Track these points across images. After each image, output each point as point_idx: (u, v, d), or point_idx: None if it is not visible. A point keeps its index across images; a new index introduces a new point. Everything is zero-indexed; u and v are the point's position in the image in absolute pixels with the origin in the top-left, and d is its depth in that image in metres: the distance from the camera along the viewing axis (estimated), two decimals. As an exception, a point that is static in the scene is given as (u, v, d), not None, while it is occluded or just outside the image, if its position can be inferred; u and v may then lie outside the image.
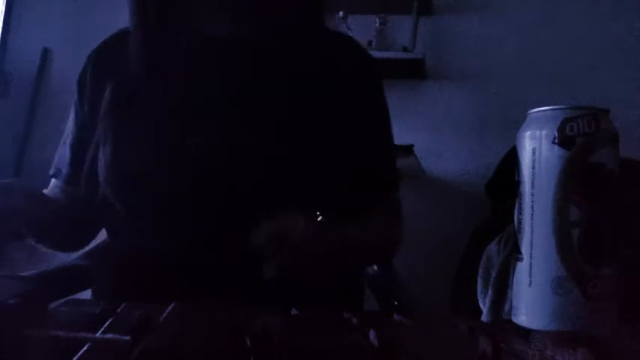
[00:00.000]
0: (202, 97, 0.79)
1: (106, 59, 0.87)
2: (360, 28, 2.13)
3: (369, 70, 0.88)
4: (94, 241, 0.97)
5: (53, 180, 0.90)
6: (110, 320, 0.44)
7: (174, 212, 0.76)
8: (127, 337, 0.39)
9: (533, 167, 0.48)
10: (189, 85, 0.80)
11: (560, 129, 0.46)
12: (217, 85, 0.79)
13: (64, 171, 0.88)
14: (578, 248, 0.45)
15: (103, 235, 0.91)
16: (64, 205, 0.86)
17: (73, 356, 0.36)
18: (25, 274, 0.81)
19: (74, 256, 1.02)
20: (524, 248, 0.48)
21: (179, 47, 0.81)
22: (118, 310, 0.48)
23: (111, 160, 0.78)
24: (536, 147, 0.47)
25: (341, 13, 2.10)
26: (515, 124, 0.51)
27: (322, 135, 0.78)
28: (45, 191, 0.89)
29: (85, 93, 0.87)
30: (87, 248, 1.00)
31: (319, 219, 0.71)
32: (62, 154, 0.89)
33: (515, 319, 0.49)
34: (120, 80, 0.82)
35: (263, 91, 0.79)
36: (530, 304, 0.48)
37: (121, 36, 0.86)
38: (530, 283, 0.47)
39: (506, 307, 1.47)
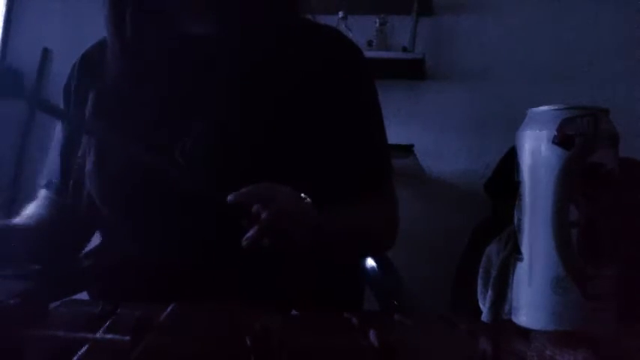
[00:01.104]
0: (185, 100, 0.79)
1: (88, 68, 0.87)
2: (360, 28, 2.13)
3: (354, 60, 0.87)
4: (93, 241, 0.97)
5: (43, 190, 0.90)
6: (110, 320, 0.44)
7: (161, 216, 0.76)
8: (127, 337, 0.39)
9: (533, 167, 0.48)
10: (172, 89, 0.79)
11: (560, 129, 0.46)
12: (198, 88, 0.79)
13: (54, 181, 0.88)
14: (578, 248, 0.45)
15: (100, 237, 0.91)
16: (51, 220, 0.85)
17: (73, 356, 0.36)
18: (25, 273, 0.81)
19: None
20: (524, 248, 0.48)
21: (158, 52, 0.80)
22: (118, 310, 0.48)
23: (96, 167, 0.78)
24: (536, 147, 0.47)
25: (341, 13, 2.10)
26: (515, 124, 0.51)
27: (311, 129, 0.78)
28: (32, 204, 0.89)
29: (70, 101, 0.87)
30: (86, 249, 1.00)
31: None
32: (51, 163, 0.89)
33: (515, 319, 0.49)
34: (101, 88, 0.82)
35: (247, 91, 0.78)
36: (530, 304, 0.48)
37: (103, 44, 0.86)
38: (530, 283, 0.47)
39: (506, 307, 1.47)
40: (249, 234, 0.64)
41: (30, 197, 0.91)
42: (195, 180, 0.73)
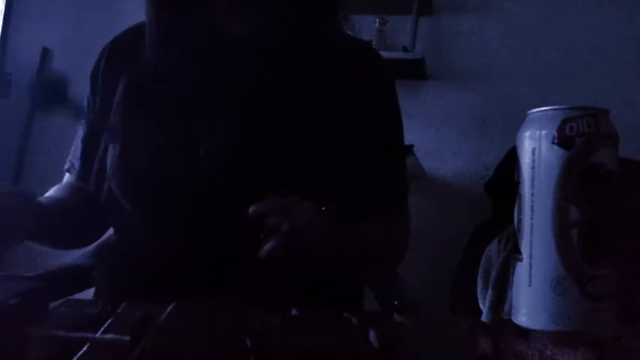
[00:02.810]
0: (215, 98, 0.78)
1: (120, 54, 0.86)
2: (360, 28, 2.13)
3: (382, 77, 0.87)
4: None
5: (67, 175, 0.91)
6: (110, 320, 0.44)
7: (178, 212, 0.76)
8: (127, 337, 0.39)
9: (533, 167, 0.48)
10: (203, 86, 0.79)
11: (560, 129, 0.46)
12: (231, 87, 0.79)
13: (76, 166, 0.88)
14: (578, 248, 0.45)
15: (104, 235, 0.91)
16: (68, 205, 0.85)
17: (73, 356, 0.36)
18: (25, 274, 0.81)
19: (75, 255, 1.02)
20: (524, 248, 0.48)
21: (194, 46, 0.80)
22: (118, 310, 0.48)
23: (119, 156, 0.78)
24: (536, 147, 0.47)
25: (341, 13, 2.10)
26: (515, 124, 0.51)
27: (334, 141, 0.78)
28: (54, 188, 0.89)
29: (97, 87, 0.86)
30: (87, 248, 1.00)
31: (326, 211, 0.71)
32: (75, 148, 0.90)
33: (515, 319, 0.49)
34: (133, 76, 0.81)
35: (275, 96, 0.78)
36: (530, 304, 0.48)
37: (136, 31, 0.85)
38: (530, 283, 0.47)
39: (506, 307, 1.47)
40: (267, 246, 0.64)
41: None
42: (217, 180, 0.73)
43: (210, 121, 0.77)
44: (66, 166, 0.90)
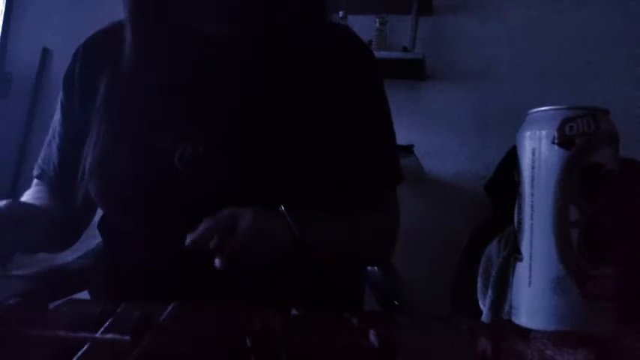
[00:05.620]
0: (194, 102, 0.77)
1: (93, 55, 0.84)
2: (360, 28, 2.12)
3: (365, 61, 0.85)
4: (93, 241, 0.97)
5: (35, 181, 0.89)
6: (110, 320, 0.44)
7: (159, 219, 0.75)
8: (127, 337, 0.39)
9: (533, 167, 0.48)
10: (179, 91, 0.78)
11: (560, 129, 0.46)
12: (210, 89, 0.78)
13: (50, 173, 0.86)
14: (578, 248, 0.45)
15: (99, 237, 0.91)
16: (44, 210, 0.81)
17: (73, 356, 0.36)
18: (25, 274, 0.81)
19: (74, 256, 1.02)
20: (524, 248, 0.48)
21: (171, 49, 0.78)
22: (118, 310, 0.48)
23: (98, 159, 0.76)
24: (536, 147, 0.47)
25: (341, 13, 2.10)
26: (516, 124, 0.51)
27: (319, 135, 0.77)
28: (26, 193, 0.87)
29: (74, 91, 0.84)
30: (86, 249, 1.00)
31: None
32: (47, 154, 0.88)
33: (515, 319, 0.49)
34: (111, 80, 0.80)
35: (251, 100, 0.76)
36: (530, 304, 0.48)
37: (109, 31, 0.84)
38: (530, 283, 0.47)
39: (506, 307, 1.47)
40: (217, 264, 0.62)
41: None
42: (191, 186, 0.72)
43: (187, 126, 0.75)
44: (35, 172, 0.88)
